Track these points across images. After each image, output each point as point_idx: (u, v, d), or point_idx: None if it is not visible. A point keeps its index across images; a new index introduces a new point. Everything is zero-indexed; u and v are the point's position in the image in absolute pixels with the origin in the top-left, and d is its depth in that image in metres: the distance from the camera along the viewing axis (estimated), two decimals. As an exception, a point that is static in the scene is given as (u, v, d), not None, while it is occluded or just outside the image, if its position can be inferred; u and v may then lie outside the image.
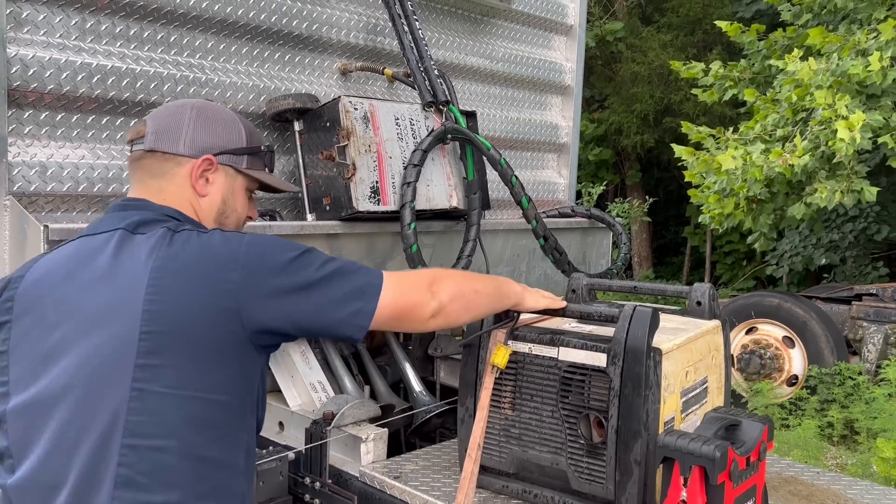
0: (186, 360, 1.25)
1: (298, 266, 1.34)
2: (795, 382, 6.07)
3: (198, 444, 1.26)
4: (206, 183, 1.46)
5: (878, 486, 2.08)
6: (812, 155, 5.77)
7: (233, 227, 1.52)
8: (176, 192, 1.44)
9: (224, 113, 1.53)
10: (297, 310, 1.32)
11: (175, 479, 1.24)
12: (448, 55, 2.90)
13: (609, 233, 3.33)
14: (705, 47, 11.51)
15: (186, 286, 1.27)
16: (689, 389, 1.84)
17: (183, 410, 1.25)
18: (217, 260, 1.30)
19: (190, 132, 1.45)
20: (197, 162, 1.44)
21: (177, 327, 1.25)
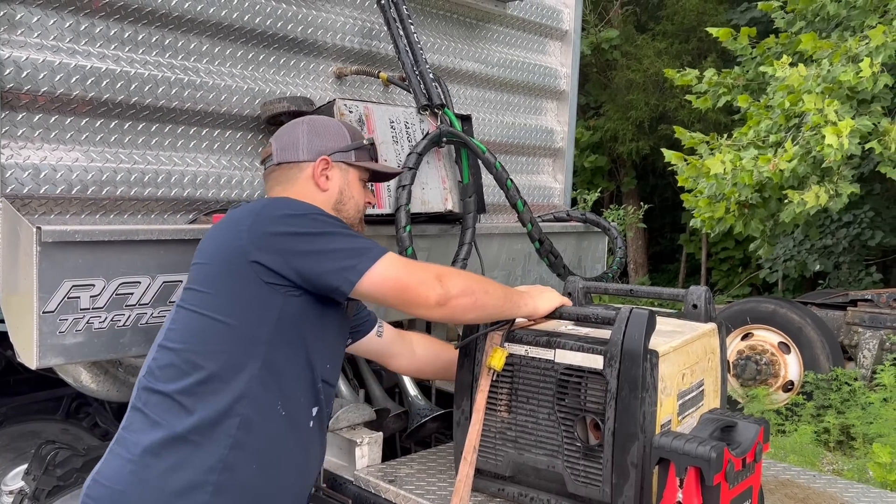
0: (206, 285, 1.60)
1: (309, 220, 1.60)
2: (791, 388, 6.07)
3: (198, 352, 1.56)
4: (326, 179, 1.78)
5: (874, 489, 2.07)
6: (803, 160, 5.79)
7: (352, 212, 1.83)
8: (297, 191, 1.75)
9: (329, 121, 1.90)
10: (293, 251, 1.55)
11: (174, 375, 1.56)
12: (443, 59, 2.90)
13: (604, 237, 3.33)
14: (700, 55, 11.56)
15: (219, 231, 1.65)
16: (686, 392, 1.83)
17: (195, 323, 1.58)
18: (243, 211, 1.64)
19: (305, 141, 1.79)
20: (316, 164, 1.77)
21: (206, 261, 1.62)
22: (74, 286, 1.76)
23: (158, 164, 2.15)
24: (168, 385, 1.55)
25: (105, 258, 1.82)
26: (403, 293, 1.59)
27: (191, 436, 1.51)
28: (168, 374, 1.56)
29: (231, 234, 1.61)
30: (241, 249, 1.56)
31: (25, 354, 1.76)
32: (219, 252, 1.61)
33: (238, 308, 1.57)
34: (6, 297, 1.85)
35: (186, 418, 1.52)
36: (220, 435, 1.52)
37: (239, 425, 1.53)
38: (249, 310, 1.57)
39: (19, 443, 2.53)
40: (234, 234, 1.60)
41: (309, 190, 1.77)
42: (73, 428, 2.77)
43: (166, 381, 1.56)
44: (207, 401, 1.53)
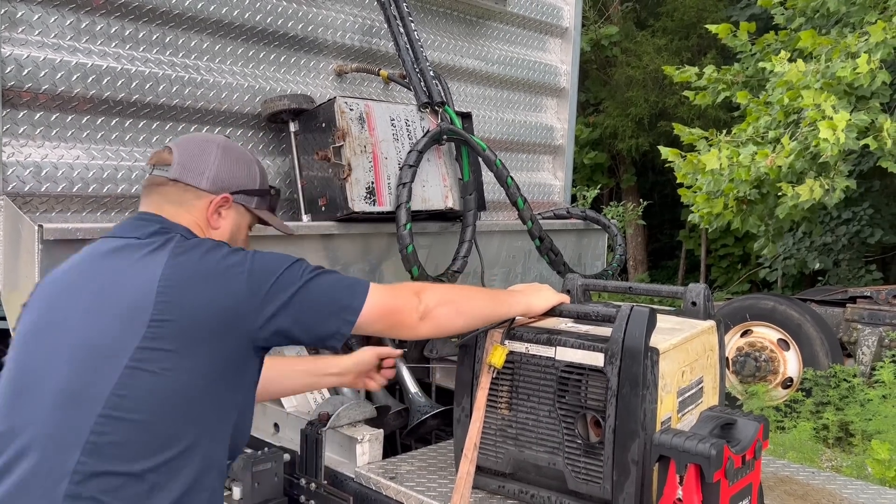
0: (185, 346, 1.36)
1: (296, 269, 1.47)
2: (790, 385, 6.08)
3: (173, 423, 1.35)
4: (219, 217, 1.59)
5: (872, 485, 2.08)
6: (801, 155, 5.79)
7: None
8: (191, 220, 1.56)
9: (244, 154, 1.68)
10: (296, 307, 1.44)
11: (138, 453, 1.32)
12: (443, 57, 2.90)
13: (604, 234, 3.33)
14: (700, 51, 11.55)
15: (197, 284, 1.40)
16: (686, 389, 1.84)
17: (168, 393, 1.34)
18: (225, 265, 1.43)
19: (213, 169, 1.58)
20: (216, 199, 1.58)
21: (184, 318, 1.37)
22: (76, 284, 1.76)
23: (159, 161, 2.15)
24: (133, 465, 1.31)
25: (106, 256, 1.83)
26: (391, 317, 1.56)
27: None
28: (131, 452, 1.31)
29: (217, 290, 1.40)
30: (233, 312, 1.40)
31: (27, 352, 1.76)
32: (205, 312, 1.38)
33: (217, 370, 1.40)
34: (8, 295, 1.85)
35: (162, 499, 1.34)
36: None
37: (208, 500, 1.42)
38: (229, 373, 1.42)
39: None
40: (222, 292, 1.40)
41: (200, 222, 1.58)
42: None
43: (129, 461, 1.31)
44: (180, 475, 1.36)
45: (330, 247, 2.30)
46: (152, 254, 1.43)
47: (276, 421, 2.39)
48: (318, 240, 2.27)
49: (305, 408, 2.32)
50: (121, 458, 1.31)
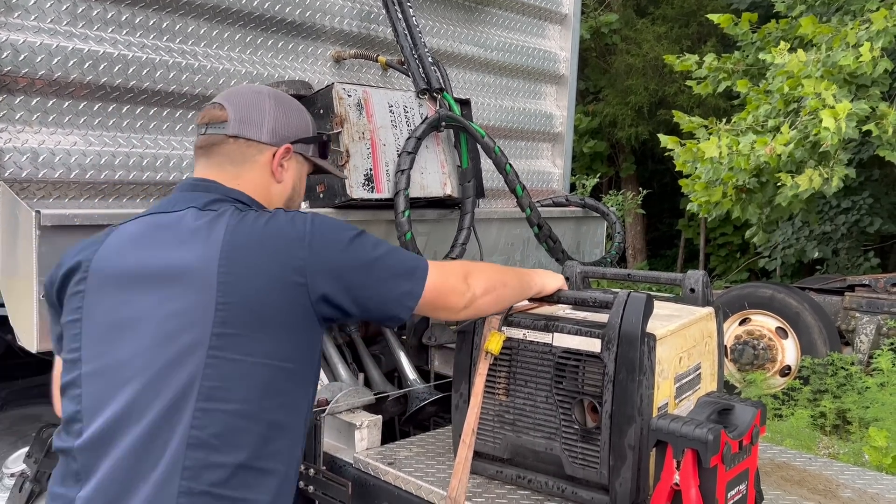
0: (258, 329, 1.33)
1: (358, 245, 1.43)
2: (788, 373, 6.10)
3: (266, 408, 1.34)
4: (282, 169, 1.56)
5: (869, 471, 2.09)
6: (800, 144, 5.79)
7: (295, 208, 1.64)
8: (252, 179, 1.52)
9: (294, 102, 1.64)
10: (356, 285, 1.40)
11: (243, 441, 1.31)
12: (442, 43, 2.89)
13: (603, 222, 3.33)
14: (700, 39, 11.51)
15: (257, 260, 1.35)
16: (683, 375, 1.84)
17: (254, 377, 1.32)
18: (286, 237, 1.38)
19: (271, 121, 1.54)
20: (278, 150, 1.54)
21: (249, 299, 1.33)
22: (74, 270, 1.76)
23: (157, 148, 2.15)
24: (238, 454, 1.31)
25: (104, 242, 1.82)
26: (437, 304, 1.50)
27: (273, 499, 1.37)
28: (232, 441, 1.30)
29: (279, 265, 1.36)
30: (300, 286, 1.36)
31: (25, 338, 1.77)
32: (268, 288, 1.35)
33: (295, 348, 1.40)
34: (6, 281, 1.85)
35: (269, 482, 1.35)
36: (291, 485, 1.42)
37: (294, 474, 1.45)
38: (306, 349, 1.43)
39: (20, 426, 2.55)
40: (285, 267, 1.36)
41: (264, 178, 1.54)
42: (73, 411, 2.78)
43: (233, 450, 1.30)
44: (285, 457, 1.39)
45: (328, 234, 2.30)
46: (210, 229, 1.38)
47: (274, 407, 2.40)
48: (316, 226, 2.26)
49: (304, 394, 2.33)
50: (223, 449, 1.29)
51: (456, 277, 1.53)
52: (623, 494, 1.67)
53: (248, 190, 1.51)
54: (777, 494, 1.88)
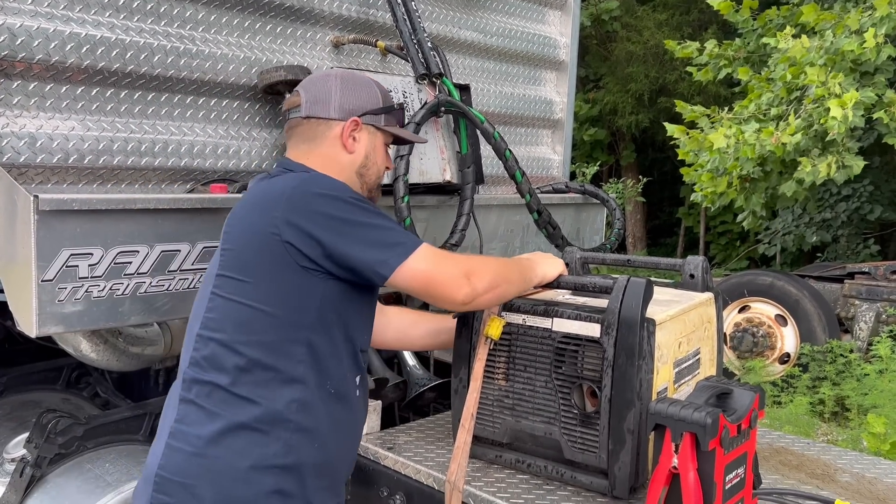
0: (242, 273, 1.56)
1: (342, 204, 1.55)
2: (787, 360, 6.12)
3: (244, 343, 1.54)
4: (353, 141, 1.73)
5: (867, 456, 2.10)
6: (805, 133, 5.77)
7: (374, 177, 1.79)
8: (323, 152, 1.71)
9: (363, 78, 1.80)
10: (325, 238, 1.52)
11: (223, 367, 1.54)
12: (441, 28, 2.87)
13: (603, 209, 3.32)
14: (700, 26, 11.45)
15: (248, 214, 1.60)
16: (682, 360, 1.84)
17: (236, 314, 1.55)
18: (274, 193, 1.58)
19: (338, 98, 1.72)
20: (346, 124, 1.72)
21: (238, 246, 1.58)
22: (73, 255, 1.76)
23: (155, 133, 2.14)
24: (219, 376, 1.54)
25: (103, 227, 1.82)
26: (431, 288, 1.58)
27: (254, 424, 1.52)
28: (216, 365, 1.55)
29: (261, 216, 1.56)
30: (274, 234, 1.52)
31: (24, 323, 1.77)
32: (249, 235, 1.57)
33: (279, 296, 1.54)
34: (4, 267, 1.85)
35: (247, 408, 1.52)
36: (281, 422, 1.53)
37: (297, 409, 1.54)
38: (290, 296, 1.54)
39: (21, 412, 2.55)
40: (264, 218, 1.55)
41: (335, 151, 1.71)
42: (73, 398, 2.79)
43: (216, 372, 1.54)
44: (263, 390, 1.53)
45: (327, 219, 2.29)
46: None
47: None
48: (315, 212, 2.26)
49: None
50: (208, 369, 1.55)
51: (455, 270, 1.59)
52: (622, 478, 1.68)
53: (315, 163, 1.68)
54: (775, 478, 1.89)
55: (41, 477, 2.17)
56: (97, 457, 2.23)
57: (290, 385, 1.54)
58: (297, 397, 1.55)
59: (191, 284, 1.98)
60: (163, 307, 1.95)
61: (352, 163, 1.73)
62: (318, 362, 1.57)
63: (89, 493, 2.09)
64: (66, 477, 2.18)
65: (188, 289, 1.98)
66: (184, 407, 1.56)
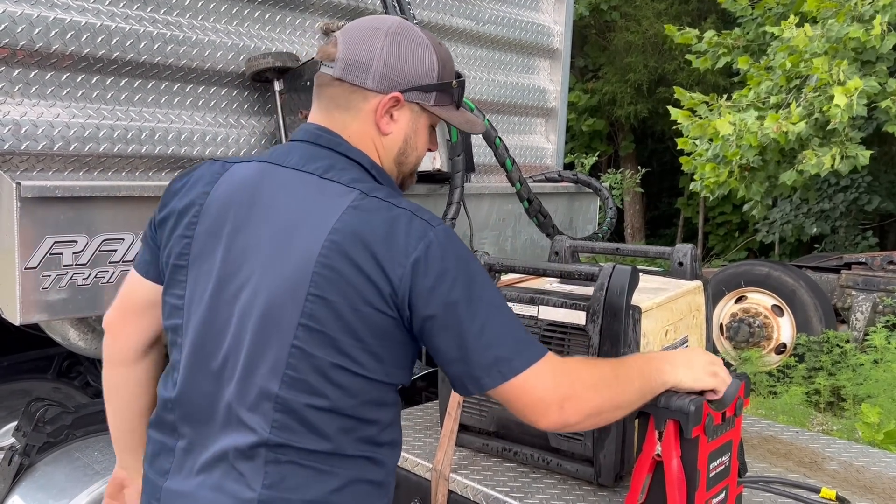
0: (343, 331, 1.20)
1: (470, 283, 1.22)
2: (783, 350, 6.12)
3: (347, 406, 1.24)
4: (390, 121, 1.35)
5: (856, 444, 2.10)
6: (806, 122, 5.75)
7: (412, 164, 1.44)
8: (359, 130, 1.35)
9: (420, 39, 1.37)
10: (442, 322, 1.20)
11: (324, 432, 1.23)
12: (432, 15, 2.85)
13: (596, 198, 3.31)
14: (700, 16, 11.41)
15: (357, 259, 1.20)
16: (669, 348, 1.84)
17: (335, 377, 1.22)
18: (395, 246, 1.20)
19: (381, 65, 1.32)
20: (384, 99, 1.33)
21: (339, 297, 1.20)
22: (56, 242, 1.76)
23: (142, 120, 2.13)
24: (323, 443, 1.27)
25: (88, 215, 1.82)
26: (518, 404, 1.25)
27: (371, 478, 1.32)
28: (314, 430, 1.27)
29: (376, 270, 1.20)
30: (390, 298, 1.21)
31: (9, 311, 1.76)
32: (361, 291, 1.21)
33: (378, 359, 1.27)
34: (-11, 254, 1.84)
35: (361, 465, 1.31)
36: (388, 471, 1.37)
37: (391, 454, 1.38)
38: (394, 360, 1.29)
39: (10, 401, 2.55)
40: (382, 275, 1.20)
41: (370, 129, 1.35)
42: (64, 387, 2.78)
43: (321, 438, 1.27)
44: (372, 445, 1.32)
45: (316, 208, 2.28)
46: (330, 201, 1.24)
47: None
48: (304, 200, 2.25)
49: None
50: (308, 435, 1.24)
51: (549, 397, 1.23)
52: (607, 466, 1.68)
53: (355, 140, 1.35)
54: (763, 467, 1.89)
55: (30, 465, 2.17)
56: (86, 445, 2.22)
57: (385, 431, 1.32)
58: (394, 439, 1.36)
59: (177, 272, 1.98)
60: (149, 295, 1.94)
61: (387, 147, 1.37)
62: (398, 401, 1.38)
63: (78, 481, 2.09)
64: (55, 465, 2.18)
65: (174, 277, 1.97)
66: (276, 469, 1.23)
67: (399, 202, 1.25)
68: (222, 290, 1.27)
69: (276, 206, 1.27)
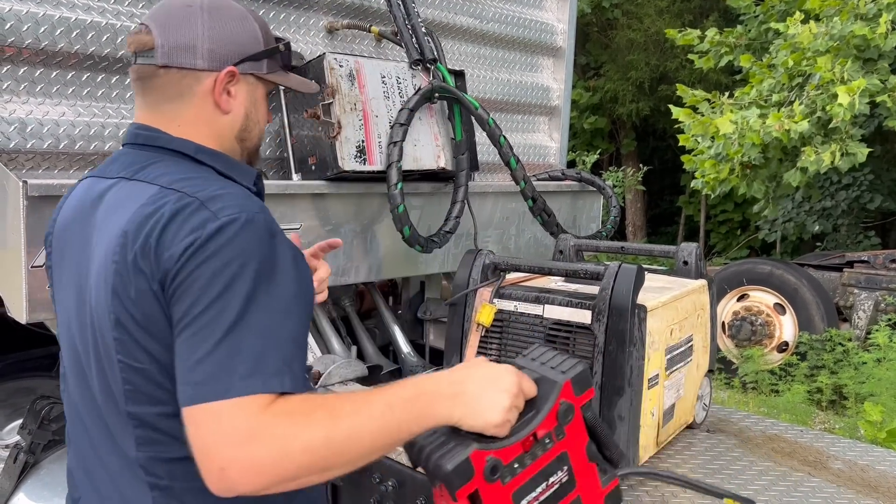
0: (144, 333, 1.11)
1: (231, 286, 1.04)
2: (786, 349, 6.12)
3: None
4: (229, 98, 1.28)
5: (860, 443, 2.10)
6: (809, 121, 5.75)
7: (255, 139, 1.37)
8: (194, 117, 1.27)
9: (235, 10, 1.31)
10: (186, 322, 1.05)
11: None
12: (436, 14, 2.85)
13: (600, 197, 3.31)
14: (702, 14, 11.39)
15: (138, 257, 1.10)
16: (675, 347, 1.84)
17: (162, 381, 1.13)
18: (168, 238, 1.08)
19: (207, 42, 1.25)
20: (220, 76, 1.26)
21: (131, 301, 1.11)
22: (63, 241, 1.76)
23: (147, 119, 2.13)
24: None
25: (93, 213, 1.82)
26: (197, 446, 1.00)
27: None
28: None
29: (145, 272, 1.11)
30: (158, 295, 1.11)
31: (15, 309, 1.77)
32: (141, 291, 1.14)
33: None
34: (-5, 253, 1.85)
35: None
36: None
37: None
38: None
39: (15, 399, 2.55)
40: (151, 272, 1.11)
41: (206, 112, 1.27)
42: (68, 384, 2.79)
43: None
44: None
45: (321, 206, 2.28)
46: (131, 203, 1.14)
47: (268, 380, 2.40)
48: (308, 199, 2.25)
49: (297, 367, 2.33)
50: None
51: (232, 445, 0.97)
52: (612, 465, 1.68)
53: (191, 134, 1.26)
54: (767, 466, 1.89)
55: (35, 463, 2.18)
56: (91, 443, 2.23)
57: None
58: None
59: (182, 271, 1.98)
60: (154, 294, 1.94)
61: (229, 127, 1.30)
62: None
63: (83, 479, 2.10)
64: (60, 463, 2.18)
65: (180, 275, 1.97)
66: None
67: (203, 188, 1.14)
68: (75, 320, 1.23)
69: (94, 223, 1.21)
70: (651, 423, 1.76)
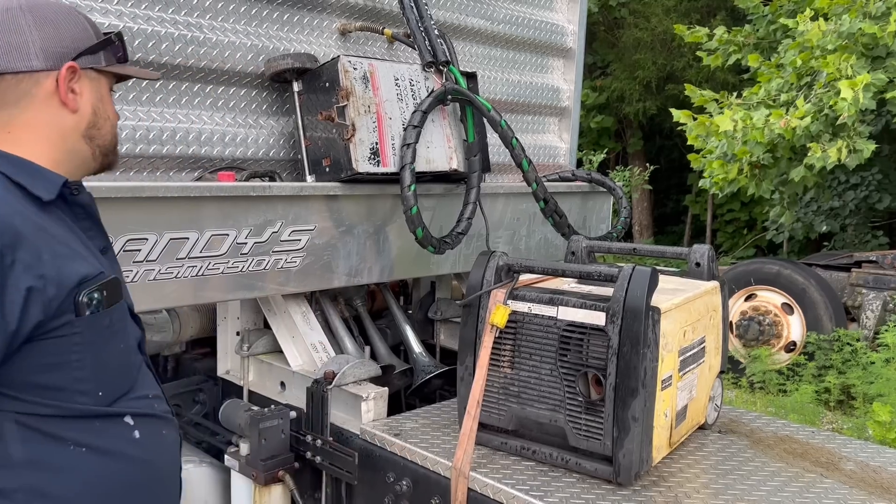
0: None
1: None
2: (793, 349, 6.11)
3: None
4: (74, 96, 1.26)
5: (871, 444, 2.10)
6: (815, 117, 5.74)
7: (107, 136, 1.35)
8: (35, 120, 1.24)
9: (57, 6, 1.28)
10: None
11: None
12: (448, 16, 2.86)
13: (610, 197, 3.32)
14: (709, 13, 11.37)
15: None
16: (688, 348, 1.85)
17: None
18: None
19: (38, 41, 1.22)
20: (61, 73, 1.24)
21: None
22: (82, 242, 1.77)
23: (163, 121, 2.15)
24: None
25: (111, 215, 1.83)
26: None
27: None
28: None
29: None
30: None
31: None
32: None
33: None
34: None
35: None
36: None
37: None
38: None
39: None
40: None
41: (48, 115, 1.24)
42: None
43: None
44: None
45: (334, 208, 2.30)
46: None
47: (282, 379, 2.43)
48: (322, 201, 2.27)
49: (311, 367, 2.35)
50: None
51: None
52: (626, 465, 1.70)
53: (25, 140, 1.23)
54: (779, 467, 1.90)
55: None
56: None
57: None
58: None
59: (199, 272, 2.00)
60: (171, 294, 1.96)
61: (78, 125, 1.28)
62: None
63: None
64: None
65: (196, 276, 2.00)
66: None
67: None
68: None
69: None
70: (664, 424, 1.78)
